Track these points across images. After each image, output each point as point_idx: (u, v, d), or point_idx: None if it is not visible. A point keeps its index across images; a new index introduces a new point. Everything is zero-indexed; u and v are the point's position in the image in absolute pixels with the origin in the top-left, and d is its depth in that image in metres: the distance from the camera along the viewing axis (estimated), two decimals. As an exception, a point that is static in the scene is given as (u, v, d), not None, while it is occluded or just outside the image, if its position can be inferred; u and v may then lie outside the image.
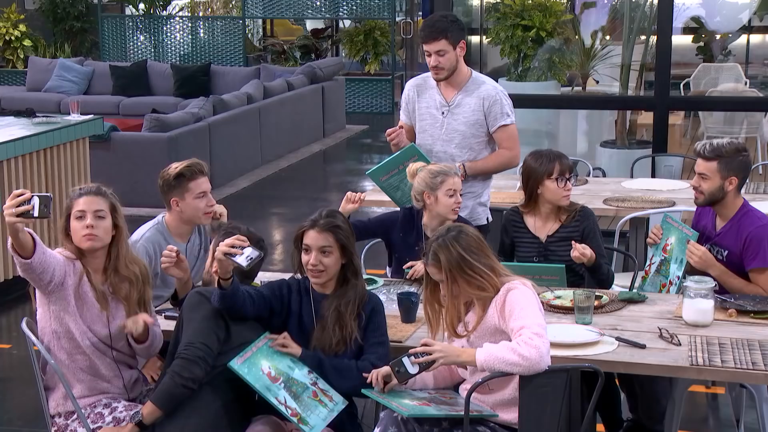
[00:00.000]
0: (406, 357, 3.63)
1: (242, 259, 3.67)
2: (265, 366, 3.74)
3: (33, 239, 3.70)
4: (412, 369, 3.62)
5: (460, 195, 4.78)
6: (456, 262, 3.69)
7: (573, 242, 4.66)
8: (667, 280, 4.75)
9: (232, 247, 3.66)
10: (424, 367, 3.62)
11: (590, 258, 4.61)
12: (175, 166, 4.61)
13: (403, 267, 4.83)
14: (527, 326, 3.53)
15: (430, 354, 3.60)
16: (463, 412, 3.59)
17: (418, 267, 4.73)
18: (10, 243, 3.68)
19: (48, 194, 3.69)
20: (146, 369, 4.33)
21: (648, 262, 4.94)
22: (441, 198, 4.73)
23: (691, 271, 4.59)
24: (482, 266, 3.71)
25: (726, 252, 4.60)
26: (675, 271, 4.69)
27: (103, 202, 3.90)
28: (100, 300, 3.91)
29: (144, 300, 4.01)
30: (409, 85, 5.47)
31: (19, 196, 3.61)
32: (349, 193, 4.97)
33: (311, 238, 3.87)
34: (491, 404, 3.72)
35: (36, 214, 3.62)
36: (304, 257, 3.89)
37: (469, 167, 5.22)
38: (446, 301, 3.76)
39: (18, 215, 3.59)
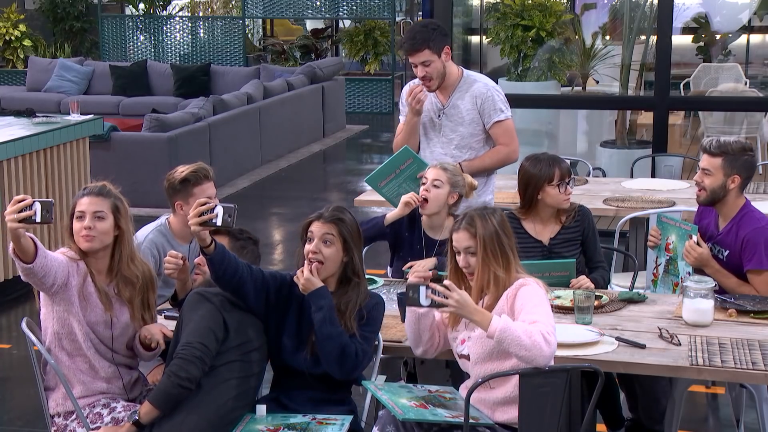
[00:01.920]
0: (424, 287, 3.58)
1: (219, 220, 3.63)
2: (261, 427, 3.74)
3: (34, 244, 3.71)
4: (425, 301, 3.58)
5: (435, 186, 4.76)
6: (490, 235, 3.75)
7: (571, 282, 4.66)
8: (678, 278, 4.73)
9: (202, 215, 3.63)
10: (436, 305, 3.58)
11: (589, 286, 4.62)
12: (182, 170, 4.59)
13: (403, 268, 4.82)
14: (541, 322, 3.54)
15: (447, 297, 3.56)
16: (458, 418, 3.58)
17: (418, 267, 4.72)
18: (12, 248, 3.68)
19: (50, 200, 3.69)
20: (152, 376, 4.32)
21: (654, 265, 4.93)
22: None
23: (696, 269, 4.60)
24: (507, 250, 3.77)
25: (727, 252, 4.61)
26: (685, 267, 4.67)
27: (104, 203, 3.90)
28: (104, 301, 3.91)
29: (148, 303, 4.02)
30: (406, 90, 5.47)
31: (20, 201, 3.62)
32: (404, 197, 4.86)
33: (315, 227, 3.89)
34: (492, 403, 3.71)
35: (38, 219, 3.62)
36: (307, 246, 3.88)
37: (467, 166, 5.21)
38: (469, 271, 3.78)
39: (20, 221, 3.60)
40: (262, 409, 3.83)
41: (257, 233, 4.24)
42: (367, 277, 4.61)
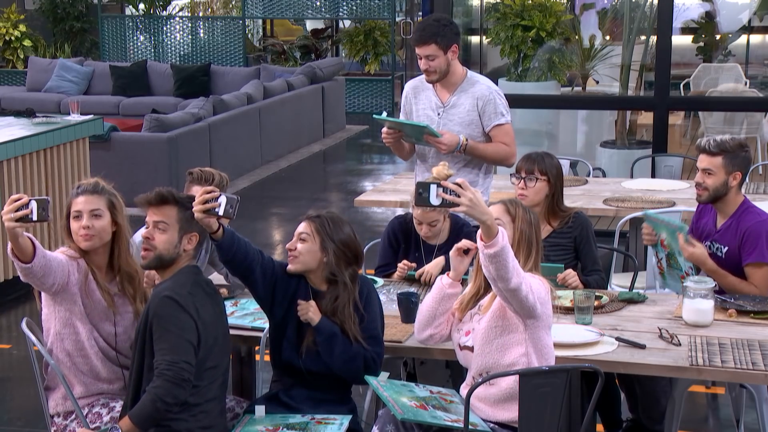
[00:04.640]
0: (435, 186, 3.48)
1: (221, 210, 3.64)
2: (260, 428, 3.74)
3: (33, 243, 3.70)
4: (435, 201, 3.48)
5: (430, 226, 4.74)
6: (527, 220, 3.79)
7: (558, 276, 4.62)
8: (683, 272, 4.72)
9: (206, 202, 3.64)
10: (447, 204, 3.48)
11: (576, 287, 4.59)
12: (200, 168, 4.71)
13: (408, 271, 4.79)
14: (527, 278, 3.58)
15: (459, 197, 3.46)
16: (457, 423, 3.58)
17: (426, 271, 4.70)
18: (10, 248, 3.68)
19: (46, 197, 3.69)
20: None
21: (656, 259, 4.91)
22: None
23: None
24: (533, 248, 3.79)
25: (726, 249, 4.61)
26: (685, 262, 4.67)
27: (100, 201, 3.91)
28: (106, 297, 3.91)
29: (145, 298, 4.01)
30: (407, 86, 5.49)
31: (16, 200, 3.62)
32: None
33: (299, 226, 3.98)
34: (492, 400, 3.71)
35: (35, 218, 3.63)
36: None
37: (471, 146, 5.21)
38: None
39: (17, 220, 3.60)
40: (261, 409, 3.83)
41: (257, 233, 4.26)
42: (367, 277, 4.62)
